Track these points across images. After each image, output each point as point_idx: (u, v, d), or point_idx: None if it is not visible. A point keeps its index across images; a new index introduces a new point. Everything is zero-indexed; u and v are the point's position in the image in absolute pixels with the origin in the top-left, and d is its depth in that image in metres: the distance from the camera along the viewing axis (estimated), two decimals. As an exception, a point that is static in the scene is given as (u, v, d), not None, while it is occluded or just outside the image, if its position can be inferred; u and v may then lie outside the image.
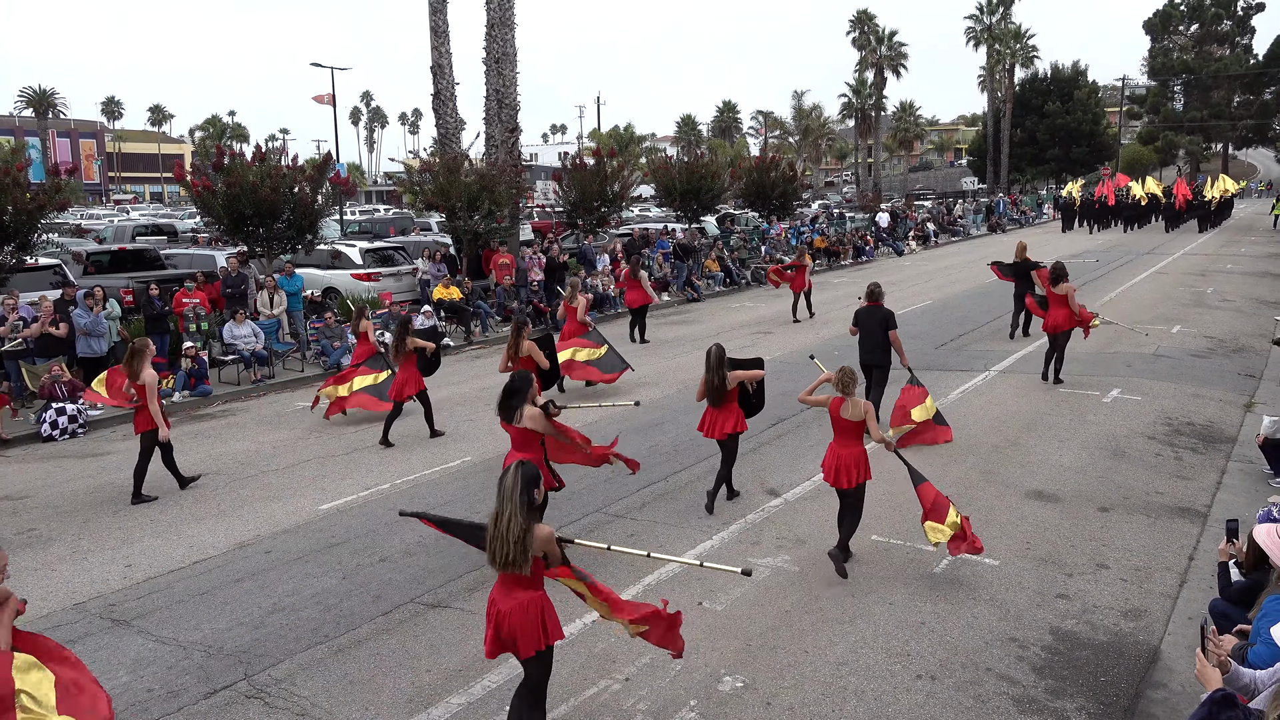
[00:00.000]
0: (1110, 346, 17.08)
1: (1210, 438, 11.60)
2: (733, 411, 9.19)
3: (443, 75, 24.89)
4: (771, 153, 48.15)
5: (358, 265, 22.46)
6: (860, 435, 7.90)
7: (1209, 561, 7.70)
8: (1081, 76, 74.63)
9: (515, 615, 5.08)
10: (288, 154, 21.24)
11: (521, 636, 5.09)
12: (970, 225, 48.90)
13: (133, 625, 7.35)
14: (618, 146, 55.94)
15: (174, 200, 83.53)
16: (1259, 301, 22.52)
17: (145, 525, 9.61)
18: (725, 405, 9.17)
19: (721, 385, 9.05)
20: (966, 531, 7.50)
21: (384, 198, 76.60)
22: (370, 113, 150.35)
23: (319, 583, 8.03)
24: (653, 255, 26.75)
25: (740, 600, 7.38)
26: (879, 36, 72.21)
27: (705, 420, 9.33)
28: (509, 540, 4.95)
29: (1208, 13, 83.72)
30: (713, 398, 9.14)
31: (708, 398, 9.18)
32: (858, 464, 7.83)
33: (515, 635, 5.10)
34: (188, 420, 14.21)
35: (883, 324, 11.82)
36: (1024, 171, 74.69)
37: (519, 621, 5.08)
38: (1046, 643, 6.68)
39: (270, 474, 11.26)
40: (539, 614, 5.12)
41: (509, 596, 5.13)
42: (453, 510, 9.66)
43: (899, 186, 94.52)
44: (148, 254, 21.93)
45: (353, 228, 35.44)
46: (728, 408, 9.18)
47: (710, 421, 9.24)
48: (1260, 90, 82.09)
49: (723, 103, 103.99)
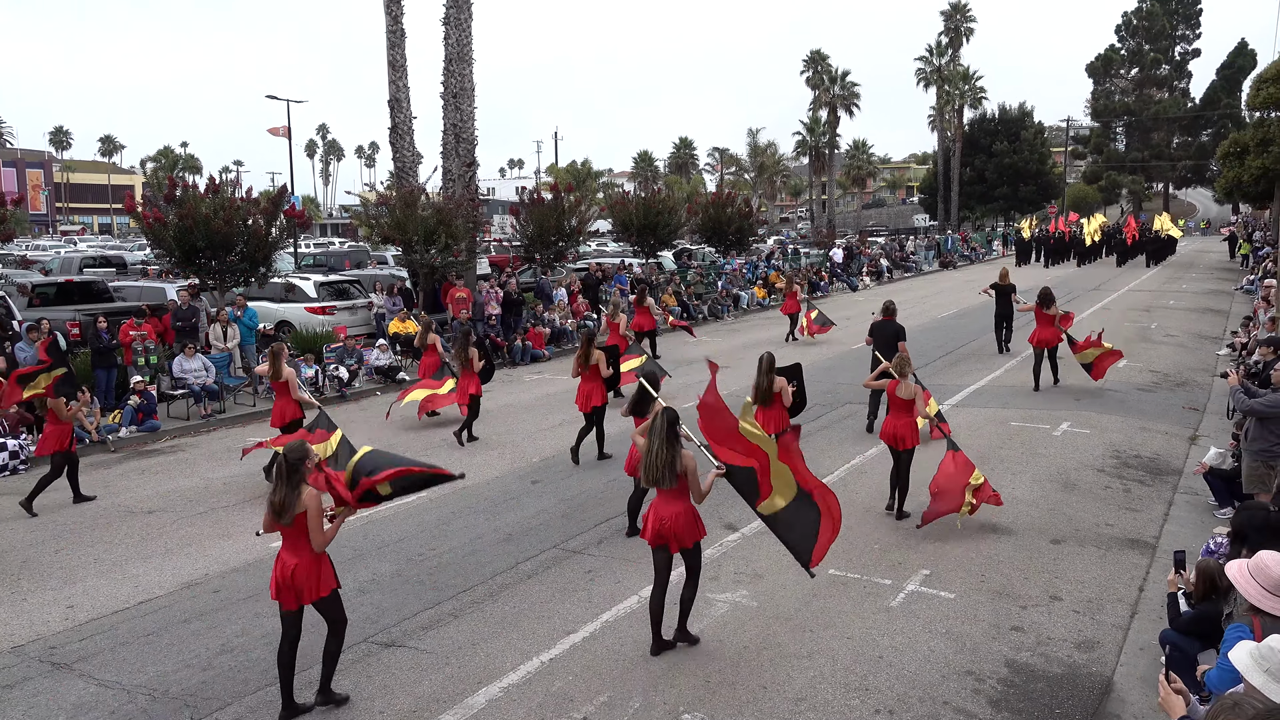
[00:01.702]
0: (1060, 380, 17.39)
1: (1157, 470, 11.83)
2: (779, 411, 10.35)
3: (400, 109, 24.89)
4: (728, 189, 48.62)
5: (312, 299, 22.23)
6: (911, 409, 9.90)
7: (1159, 592, 7.82)
8: (1028, 117, 76.53)
9: (674, 519, 6.79)
10: (242, 186, 21.06)
11: (683, 533, 6.82)
12: (923, 261, 49.72)
13: (74, 669, 7.12)
14: (575, 181, 56.21)
15: (123, 232, 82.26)
16: (1200, 336, 23.11)
17: (89, 564, 9.35)
18: (773, 406, 10.32)
19: (769, 388, 10.24)
20: (987, 488, 9.46)
21: (339, 231, 76.14)
22: (326, 145, 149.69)
23: (269, 622, 7.85)
24: (610, 290, 26.82)
25: (699, 636, 7.34)
26: (832, 76, 73.52)
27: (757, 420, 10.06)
28: (659, 465, 6.73)
29: (1147, 57, 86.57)
30: (762, 399, 10.27)
31: (757, 400, 10.25)
32: (910, 431, 9.86)
33: (677, 533, 6.80)
34: (135, 456, 13.90)
35: (895, 336, 13.53)
36: (973, 209, 76.22)
37: (680, 523, 6.80)
38: (1002, 675, 6.72)
39: (220, 511, 11.03)
40: (693, 517, 6.89)
41: (667, 506, 6.83)
42: (409, 551, 9.54)
43: (853, 223, 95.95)
44: (95, 286, 21.49)
45: (307, 261, 35.14)
46: (775, 408, 10.33)
47: (761, 420, 10.00)
48: (1197, 132, 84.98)
49: (679, 139, 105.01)
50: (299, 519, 6.01)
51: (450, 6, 24.62)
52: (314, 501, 6.03)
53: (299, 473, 6.05)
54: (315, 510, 6.01)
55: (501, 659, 7.07)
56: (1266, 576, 4.35)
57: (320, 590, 6.13)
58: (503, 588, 8.42)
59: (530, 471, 12.25)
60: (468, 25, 24.78)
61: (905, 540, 9.38)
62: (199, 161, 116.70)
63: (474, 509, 10.79)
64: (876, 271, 42.61)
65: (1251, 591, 4.38)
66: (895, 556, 8.94)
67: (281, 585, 6.10)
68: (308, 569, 6.09)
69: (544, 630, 7.53)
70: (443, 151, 25.21)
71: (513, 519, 10.36)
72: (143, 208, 19.78)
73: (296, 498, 5.98)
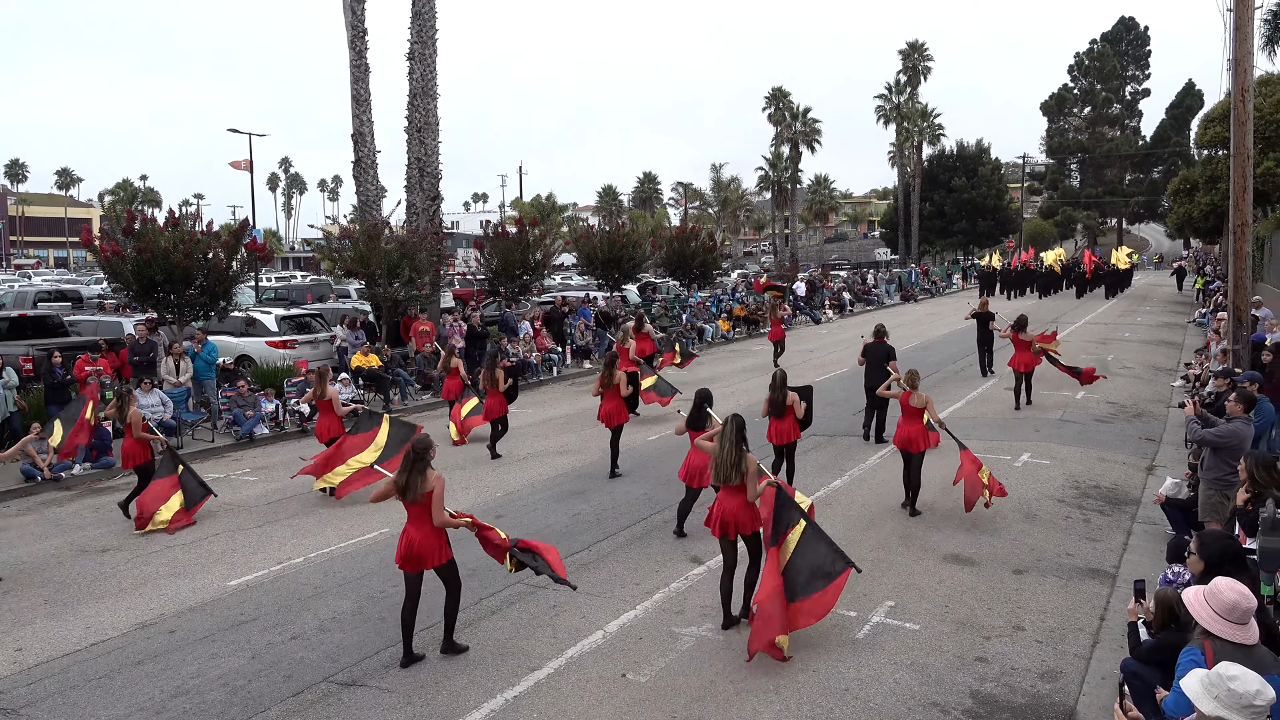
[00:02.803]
0: (1019, 412, 17.63)
1: (1116, 500, 11.99)
2: (790, 422, 11.64)
3: (364, 143, 24.86)
4: (691, 223, 49.00)
5: (273, 332, 21.99)
6: (922, 416, 11.26)
7: (1119, 621, 7.89)
8: (985, 154, 78.02)
9: (736, 512, 7.89)
10: (202, 219, 20.84)
11: (741, 524, 7.92)
12: (884, 295, 50.32)
13: (21, 714, 6.90)
14: (540, 215, 56.34)
15: (80, 265, 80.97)
16: (1156, 368, 23.54)
17: (39, 605, 9.10)
18: (785, 418, 11.58)
19: (783, 401, 11.53)
20: (994, 483, 10.72)
21: (302, 264, 75.55)
22: (289, 179, 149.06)
23: (226, 663, 7.68)
24: (574, 323, 26.84)
25: (665, 671, 7.29)
26: (794, 113, 74.63)
27: (771, 430, 11.77)
28: (728, 464, 7.83)
29: (1099, 96, 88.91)
30: (775, 410, 11.57)
31: (771, 411, 11.60)
32: (921, 435, 11.21)
33: (739, 523, 7.89)
34: (89, 493, 13.60)
35: (886, 356, 15.11)
36: (933, 243, 77.39)
37: (740, 516, 7.89)
38: (967, 706, 6.73)
39: (176, 549, 10.80)
40: (753, 511, 7.93)
41: (731, 500, 7.91)
42: (371, 589, 9.40)
43: (815, 257, 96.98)
44: (50, 320, 21.10)
45: (269, 294, 34.80)
46: (787, 419, 11.60)
47: (775, 430, 11.72)
48: (1149, 169, 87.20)
49: (643, 174, 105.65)
50: (425, 498, 7.22)
51: (415, 42, 24.72)
52: (438, 485, 7.27)
53: (424, 460, 7.30)
54: (438, 492, 7.23)
55: (465, 697, 6.96)
56: (1219, 601, 4.43)
57: (439, 559, 7.37)
58: (465, 624, 8.31)
59: (494, 505, 12.15)
60: (432, 60, 24.89)
61: (870, 572, 9.38)
62: (158, 195, 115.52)
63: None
64: (839, 305, 43.03)
65: (1204, 615, 4.45)
66: (861, 588, 8.94)
67: (406, 554, 7.30)
68: (428, 540, 7.28)
69: (507, 667, 7.43)
70: (407, 185, 25.19)
71: (475, 554, 10.16)
72: (100, 241, 19.50)
73: (422, 480, 7.25)
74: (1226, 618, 4.36)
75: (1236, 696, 3.75)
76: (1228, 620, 4.35)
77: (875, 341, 15.53)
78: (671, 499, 12.10)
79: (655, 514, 11.60)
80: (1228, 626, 4.35)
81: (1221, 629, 4.36)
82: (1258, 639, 4.37)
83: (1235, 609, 4.34)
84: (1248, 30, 14.91)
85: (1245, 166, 15.02)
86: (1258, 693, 3.74)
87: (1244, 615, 4.34)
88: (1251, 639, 4.32)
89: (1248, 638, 4.31)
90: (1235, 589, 4.42)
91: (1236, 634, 4.30)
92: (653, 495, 12.47)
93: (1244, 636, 4.30)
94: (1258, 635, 4.38)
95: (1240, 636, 4.29)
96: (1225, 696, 3.77)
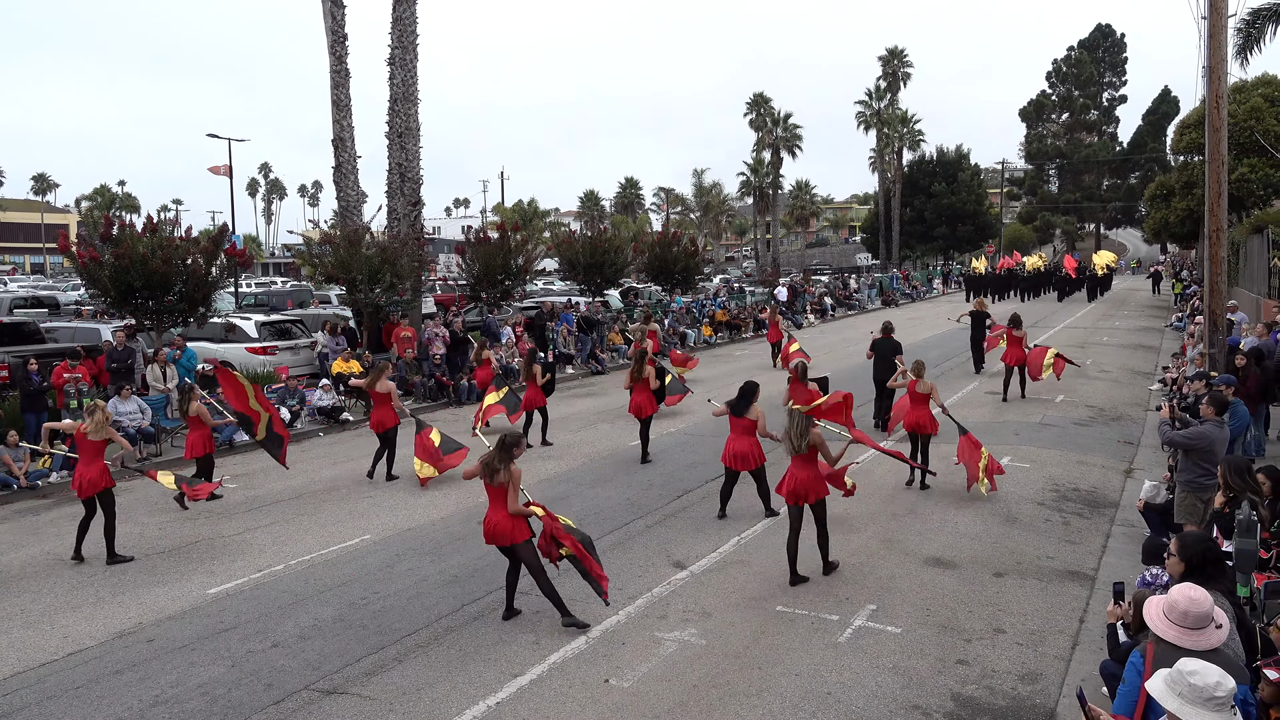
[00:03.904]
0: (1000, 416, 17.75)
1: (1095, 503, 12.08)
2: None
3: (345, 148, 24.78)
4: (673, 228, 49.16)
5: (253, 339, 21.87)
6: (928, 402, 12.49)
7: (1099, 623, 7.95)
8: (965, 159, 78.50)
9: (806, 481, 9.05)
10: (181, 225, 20.71)
11: (811, 491, 9.07)
12: (866, 299, 50.57)
13: (-3, 725, 6.83)
14: (521, 221, 56.19)
15: (57, 272, 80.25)
16: (1133, 372, 23.74)
17: (15, 615, 9.00)
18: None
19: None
20: (993, 463, 11.84)
21: (282, 270, 75.17)
22: (269, 184, 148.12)
23: (205, 671, 7.62)
24: (556, 329, 26.82)
25: (647, 676, 7.29)
26: (775, 119, 74.83)
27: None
28: (796, 434, 9.04)
29: (1076, 103, 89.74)
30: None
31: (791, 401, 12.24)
32: (929, 420, 12.53)
33: (808, 490, 9.03)
34: (67, 502, 13.46)
35: (893, 350, 16.09)
36: (914, 248, 77.78)
37: (810, 485, 9.06)
38: (949, 709, 6.76)
39: (155, 557, 10.71)
40: (820, 480, 9.18)
41: (801, 470, 9.09)
42: (352, 596, 9.35)
43: (797, 262, 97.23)
44: (26, 327, 20.88)
45: (248, 300, 34.60)
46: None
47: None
48: (1126, 175, 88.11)
49: (625, 179, 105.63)
50: (503, 485, 8.07)
51: (395, 47, 24.67)
52: (516, 476, 8.11)
53: (511, 453, 8.17)
54: (515, 483, 8.10)
55: (447, 704, 6.93)
56: (1170, 606, 4.51)
57: (515, 538, 8.14)
58: (448, 630, 8.29)
59: (477, 511, 12.08)
60: (413, 65, 24.84)
61: (852, 575, 9.44)
62: (137, 200, 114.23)
63: (419, 551, 10.63)
64: (821, 309, 43.20)
65: (1155, 619, 4.55)
66: (843, 592, 8.99)
67: (489, 532, 8.25)
68: (503, 522, 8.14)
69: (490, 674, 7.41)
70: (388, 190, 25.12)
71: (459, 560, 10.22)
72: (77, 247, 19.35)
73: (507, 469, 8.09)
74: (1178, 623, 4.45)
75: (1198, 690, 3.82)
76: (1179, 626, 4.44)
77: (883, 337, 16.79)
78: (652, 504, 12.17)
79: (637, 519, 11.61)
80: (1175, 630, 4.44)
81: (1170, 633, 4.45)
82: (1217, 645, 4.43)
83: (1187, 615, 4.43)
84: (1222, 38, 15.10)
85: (1220, 172, 15.21)
86: (1217, 684, 3.81)
87: (1196, 620, 4.42)
88: (1206, 645, 4.39)
89: (1200, 643, 4.38)
90: (1188, 595, 4.49)
91: (1184, 639, 4.39)
92: (635, 500, 12.48)
93: (1195, 642, 4.38)
94: (1218, 641, 4.44)
95: (1189, 641, 4.38)
96: (1188, 692, 3.85)
